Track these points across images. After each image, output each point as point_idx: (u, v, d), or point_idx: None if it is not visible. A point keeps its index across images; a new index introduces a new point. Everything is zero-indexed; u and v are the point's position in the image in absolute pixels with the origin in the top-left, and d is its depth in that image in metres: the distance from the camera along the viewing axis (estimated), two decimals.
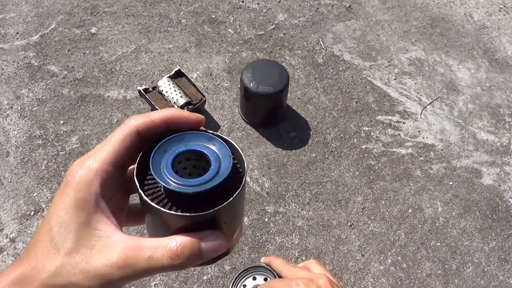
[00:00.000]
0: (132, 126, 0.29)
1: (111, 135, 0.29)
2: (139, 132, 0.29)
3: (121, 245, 0.27)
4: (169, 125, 0.30)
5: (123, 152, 0.29)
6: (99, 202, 0.28)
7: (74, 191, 0.27)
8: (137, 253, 0.27)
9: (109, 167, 0.28)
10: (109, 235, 0.27)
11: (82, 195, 0.27)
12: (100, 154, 0.28)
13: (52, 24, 1.44)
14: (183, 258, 0.27)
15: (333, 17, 1.52)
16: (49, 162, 1.17)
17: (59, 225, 0.27)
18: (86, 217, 0.27)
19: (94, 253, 0.27)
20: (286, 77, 1.18)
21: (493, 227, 1.15)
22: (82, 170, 0.28)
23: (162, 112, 0.30)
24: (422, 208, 1.16)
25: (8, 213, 1.09)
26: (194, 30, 1.45)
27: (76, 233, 0.27)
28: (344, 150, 1.24)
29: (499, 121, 1.33)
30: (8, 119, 1.24)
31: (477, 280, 1.07)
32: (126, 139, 0.29)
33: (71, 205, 0.27)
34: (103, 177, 0.28)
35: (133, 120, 0.29)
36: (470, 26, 1.54)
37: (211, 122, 1.26)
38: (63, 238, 0.27)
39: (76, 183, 0.28)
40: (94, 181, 0.28)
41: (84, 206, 0.27)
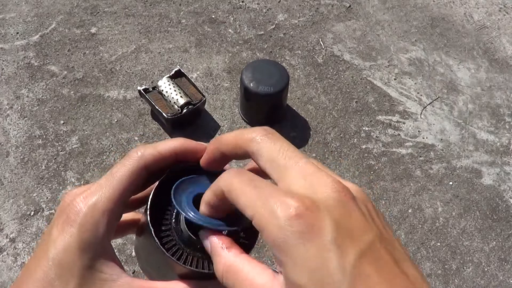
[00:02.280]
0: (140, 162, 0.27)
1: (116, 168, 0.27)
2: (147, 167, 0.27)
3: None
4: (178, 157, 0.28)
5: (131, 190, 0.27)
6: (106, 245, 0.26)
7: (79, 232, 0.25)
8: None
9: (116, 207, 0.26)
10: (115, 279, 0.26)
11: (87, 236, 0.25)
12: (107, 192, 0.26)
13: (52, 24, 1.44)
14: None
15: (333, 17, 1.52)
16: (49, 162, 1.17)
17: (60, 267, 0.25)
18: (91, 261, 0.25)
19: None
20: (286, 77, 1.18)
21: (493, 227, 1.15)
22: (88, 209, 0.26)
23: (171, 144, 0.28)
24: (422, 208, 1.16)
25: (8, 213, 1.09)
26: (194, 30, 1.45)
27: (79, 277, 0.25)
28: (344, 150, 1.24)
29: (499, 121, 1.33)
30: (8, 119, 1.24)
31: (477, 280, 1.07)
32: (134, 176, 0.27)
33: (75, 247, 0.25)
34: (110, 218, 0.26)
35: (139, 152, 0.27)
36: (470, 26, 1.54)
37: (211, 122, 1.26)
38: (64, 282, 0.25)
39: (81, 224, 0.25)
40: (101, 223, 0.26)
41: (89, 249, 0.25)
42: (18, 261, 1.03)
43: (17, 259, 1.04)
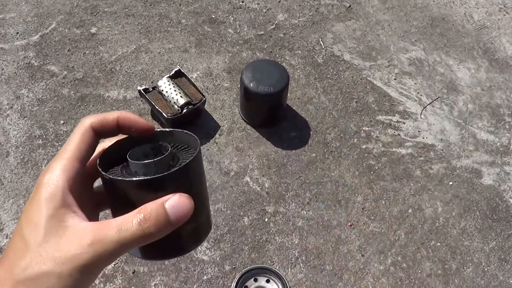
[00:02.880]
0: (87, 124, 0.32)
1: (70, 135, 0.32)
2: (94, 128, 0.32)
3: (89, 229, 0.28)
4: (120, 125, 0.33)
5: (84, 148, 0.31)
6: (66, 197, 0.29)
7: (43, 189, 0.29)
8: (105, 229, 0.28)
9: (74, 163, 0.30)
10: (77, 224, 0.28)
11: (49, 190, 0.29)
12: (64, 154, 0.31)
13: (52, 24, 1.44)
14: (152, 221, 0.28)
15: (333, 17, 1.52)
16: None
17: (28, 222, 0.28)
18: (53, 211, 0.28)
19: (63, 240, 0.27)
20: (286, 77, 1.18)
21: (493, 227, 1.15)
22: (50, 170, 0.30)
23: (115, 112, 0.33)
24: (422, 208, 1.16)
25: (8, 213, 1.09)
26: (194, 30, 1.45)
27: (44, 227, 0.28)
28: (344, 150, 1.24)
29: (499, 121, 1.33)
30: (8, 119, 1.24)
31: (477, 280, 1.07)
32: (84, 136, 0.32)
33: (40, 201, 0.28)
34: (69, 173, 0.30)
35: (87, 119, 0.32)
36: (470, 26, 1.54)
37: (211, 122, 1.26)
38: (32, 234, 0.28)
39: (44, 183, 0.29)
40: (60, 177, 0.29)
41: (51, 200, 0.28)
42: None
43: None
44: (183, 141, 0.34)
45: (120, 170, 0.32)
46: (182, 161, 0.31)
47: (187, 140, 0.34)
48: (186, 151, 0.33)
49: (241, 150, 1.22)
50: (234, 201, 1.14)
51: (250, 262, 1.05)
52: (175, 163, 0.31)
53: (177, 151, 0.33)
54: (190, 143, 0.34)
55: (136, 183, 0.29)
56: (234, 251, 1.07)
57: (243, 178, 1.17)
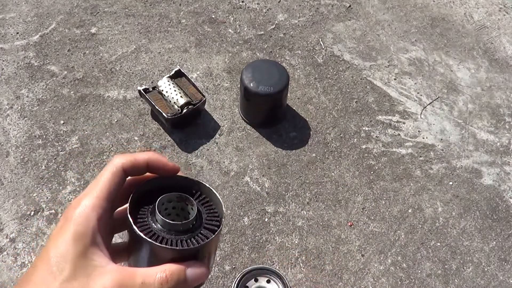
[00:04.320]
0: (118, 165, 0.33)
1: (100, 174, 0.33)
2: (125, 170, 0.33)
3: (116, 272, 0.30)
4: (149, 166, 0.35)
5: (114, 188, 0.33)
6: (96, 236, 0.31)
7: (73, 225, 0.30)
8: (131, 279, 0.29)
9: (104, 202, 0.32)
10: (104, 265, 0.30)
11: (80, 228, 0.30)
12: (95, 192, 0.32)
13: (52, 24, 1.44)
14: (172, 283, 0.30)
15: (333, 17, 1.52)
16: (49, 162, 1.17)
17: (57, 255, 0.29)
18: (83, 249, 0.30)
19: (91, 280, 0.29)
20: (286, 77, 1.18)
21: (493, 227, 1.15)
22: (80, 207, 0.31)
23: (145, 155, 0.35)
24: (422, 208, 1.16)
25: (8, 213, 1.09)
26: (194, 30, 1.45)
27: (74, 263, 0.29)
28: (344, 150, 1.24)
29: (499, 121, 1.33)
30: (8, 119, 1.24)
31: (477, 280, 1.07)
32: (115, 177, 0.33)
33: (70, 237, 0.30)
34: (99, 213, 0.31)
35: (118, 159, 0.34)
36: (470, 26, 1.54)
37: (211, 122, 1.27)
38: (61, 267, 0.29)
39: (75, 219, 0.30)
40: (92, 217, 0.31)
41: (81, 238, 0.30)
42: (18, 261, 1.03)
43: (17, 259, 1.04)
44: (208, 196, 0.37)
45: (147, 217, 0.33)
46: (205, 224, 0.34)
47: (212, 197, 0.37)
48: (209, 207, 0.36)
49: (241, 150, 1.22)
50: (234, 201, 1.14)
51: (250, 262, 1.05)
52: (198, 225, 0.34)
53: (199, 206, 0.36)
54: (214, 200, 0.37)
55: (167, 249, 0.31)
56: (234, 251, 1.07)
57: (243, 178, 1.17)
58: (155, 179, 0.36)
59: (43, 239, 1.06)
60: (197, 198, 0.36)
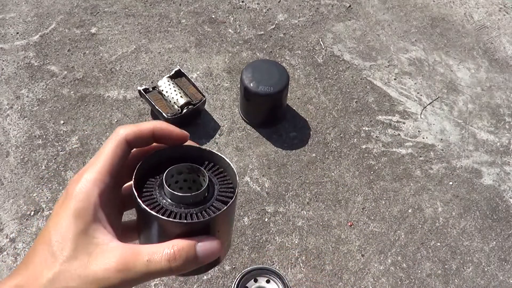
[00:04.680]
0: (121, 136, 0.31)
1: (102, 146, 0.31)
2: (128, 141, 0.31)
3: (119, 250, 0.28)
4: (155, 135, 0.32)
5: (116, 162, 0.31)
6: (97, 212, 0.29)
7: (74, 201, 0.28)
8: (135, 257, 0.28)
9: (106, 177, 0.30)
10: (107, 242, 0.28)
11: (81, 204, 0.28)
12: (96, 166, 0.30)
13: (52, 24, 1.44)
14: (180, 260, 0.28)
15: (333, 17, 1.52)
16: (49, 162, 1.17)
17: (57, 234, 0.28)
18: (84, 226, 0.28)
19: (92, 259, 0.27)
20: (286, 77, 1.18)
21: (493, 227, 1.15)
22: (81, 182, 0.29)
23: (149, 123, 0.32)
24: (422, 208, 1.16)
25: (8, 213, 1.09)
26: (194, 30, 1.45)
27: (74, 241, 0.28)
28: (344, 150, 1.24)
29: (499, 121, 1.33)
30: (8, 119, 1.24)
31: (477, 280, 1.07)
32: (118, 149, 0.31)
33: (70, 214, 0.28)
34: (101, 187, 0.29)
35: (121, 130, 0.31)
36: (470, 26, 1.54)
37: (211, 122, 1.26)
38: (61, 246, 0.27)
39: (76, 194, 0.29)
40: (92, 191, 0.29)
41: (82, 215, 0.28)
42: (18, 261, 1.03)
43: (17, 259, 1.04)
44: (221, 165, 0.34)
45: (154, 190, 0.31)
46: (218, 195, 0.31)
47: (226, 167, 0.34)
48: (222, 178, 0.33)
49: (241, 150, 1.22)
50: None
51: (250, 262, 1.05)
52: (210, 196, 0.31)
53: (212, 177, 0.33)
54: (228, 170, 0.34)
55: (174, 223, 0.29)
56: (234, 251, 1.07)
57: (243, 178, 1.17)
58: (163, 150, 0.33)
59: None
60: (209, 169, 0.33)
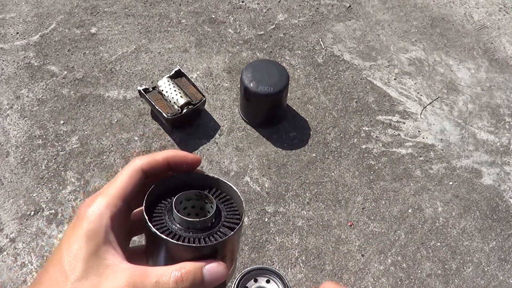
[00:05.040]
0: (137, 165, 0.33)
1: (118, 173, 0.32)
2: (144, 170, 0.33)
3: (128, 271, 0.29)
4: (169, 163, 0.33)
5: (130, 188, 0.32)
6: (108, 234, 0.30)
7: (86, 223, 0.29)
8: (144, 278, 0.28)
9: (118, 202, 0.31)
10: (117, 264, 0.29)
11: (92, 226, 0.29)
12: (110, 191, 0.31)
13: (52, 24, 1.44)
14: (187, 282, 0.29)
15: (333, 17, 1.52)
16: (49, 162, 1.17)
17: (69, 255, 0.29)
18: (95, 247, 0.29)
19: (103, 280, 0.28)
20: (286, 77, 1.18)
21: (493, 227, 1.15)
22: (94, 205, 0.30)
23: (164, 153, 0.34)
24: (422, 208, 1.16)
25: (8, 213, 1.09)
26: (194, 30, 1.45)
27: (86, 262, 0.28)
28: (344, 150, 1.24)
29: (499, 121, 1.33)
30: (8, 119, 1.24)
31: (477, 280, 1.07)
32: (132, 177, 0.32)
33: (82, 235, 0.29)
34: (113, 211, 0.30)
35: (138, 160, 0.33)
36: (470, 26, 1.54)
37: (211, 122, 1.26)
38: (72, 266, 0.28)
39: (88, 216, 0.30)
40: (105, 214, 0.30)
41: (94, 237, 0.29)
42: (18, 261, 1.03)
43: (17, 259, 1.04)
44: (228, 192, 0.35)
45: (164, 215, 0.32)
46: (225, 221, 0.33)
47: (232, 194, 0.35)
48: (229, 205, 0.35)
49: (241, 150, 1.22)
50: None
51: (250, 262, 1.05)
52: (217, 223, 0.33)
53: (219, 203, 0.34)
54: (234, 197, 0.35)
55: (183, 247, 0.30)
56: None
57: (243, 178, 1.17)
58: (172, 177, 0.35)
59: (43, 239, 1.06)
60: (216, 195, 0.35)
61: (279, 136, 1.25)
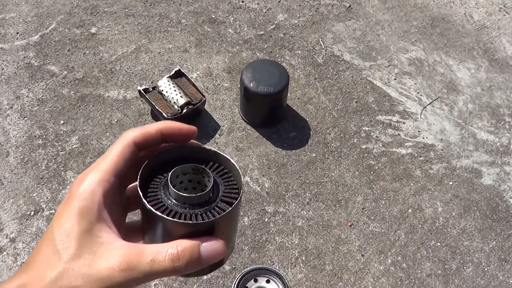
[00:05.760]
0: (129, 138, 0.31)
1: (110, 147, 0.31)
2: (136, 143, 0.31)
3: (123, 250, 0.28)
4: (163, 135, 0.32)
5: (123, 163, 0.31)
6: (102, 211, 0.29)
7: (78, 200, 0.29)
8: (139, 257, 0.28)
9: (111, 177, 0.30)
10: (111, 241, 0.28)
11: (85, 203, 0.28)
12: (102, 166, 0.30)
13: (52, 24, 1.44)
14: (184, 261, 0.28)
15: (333, 17, 1.52)
16: (49, 162, 1.17)
17: (61, 233, 0.28)
18: (88, 225, 0.28)
19: (97, 258, 0.27)
20: (286, 77, 1.18)
21: (493, 227, 1.15)
22: (86, 181, 0.29)
23: (157, 124, 0.32)
24: (422, 208, 1.16)
25: (8, 213, 1.09)
26: (194, 30, 1.45)
27: (79, 240, 0.28)
28: (344, 150, 1.24)
29: (499, 121, 1.33)
30: (8, 119, 1.24)
31: (477, 280, 1.07)
32: (125, 150, 0.31)
33: (74, 213, 0.28)
34: (106, 187, 0.29)
35: (130, 132, 0.32)
36: (470, 26, 1.54)
37: (211, 122, 1.26)
38: (65, 245, 0.28)
39: (80, 193, 0.29)
40: (97, 191, 0.29)
41: (86, 214, 0.28)
42: (18, 261, 1.03)
43: (17, 259, 1.04)
44: (226, 166, 0.34)
45: (159, 190, 0.31)
46: (223, 196, 0.32)
47: (230, 167, 0.34)
48: (227, 179, 0.33)
49: (241, 150, 1.22)
50: None
51: (250, 262, 1.05)
52: (215, 197, 0.31)
53: (217, 177, 0.33)
54: (232, 171, 0.34)
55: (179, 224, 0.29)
56: (234, 251, 1.07)
57: (243, 178, 1.18)
58: (168, 150, 0.33)
59: None
60: (214, 169, 0.33)
61: (279, 136, 1.25)
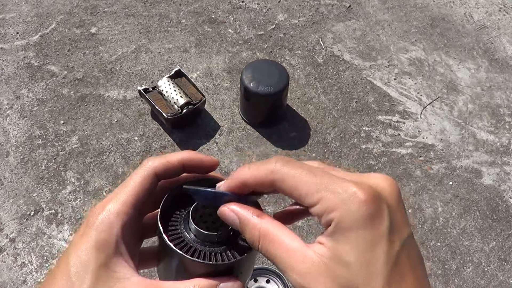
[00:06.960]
0: (150, 169, 0.30)
1: (129, 177, 0.30)
2: (157, 174, 0.30)
3: (140, 286, 0.27)
4: (185, 166, 0.31)
5: (143, 194, 0.30)
6: (119, 245, 0.28)
7: (95, 232, 0.28)
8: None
9: (130, 209, 0.29)
10: (128, 277, 0.28)
11: (103, 236, 0.28)
12: (121, 197, 0.29)
13: (52, 24, 1.44)
14: None
15: (333, 17, 1.52)
16: (49, 162, 1.17)
17: (77, 265, 0.27)
18: (105, 259, 0.27)
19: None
20: (286, 77, 1.18)
21: (493, 227, 1.15)
22: (104, 212, 0.28)
23: (179, 154, 0.31)
24: (422, 208, 1.16)
25: (8, 213, 1.09)
26: (194, 30, 1.45)
27: (95, 274, 0.27)
28: (344, 150, 1.24)
29: (499, 121, 1.33)
30: (8, 119, 1.24)
31: (477, 280, 1.07)
32: (145, 181, 0.30)
33: (91, 246, 0.27)
34: (124, 220, 0.29)
35: (150, 162, 0.30)
36: (470, 26, 1.54)
37: (211, 122, 1.26)
38: (81, 278, 0.27)
39: (98, 225, 0.28)
40: (115, 224, 0.28)
41: (104, 248, 0.28)
42: (18, 261, 1.03)
43: (17, 259, 1.04)
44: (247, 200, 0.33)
45: (179, 224, 0.30)
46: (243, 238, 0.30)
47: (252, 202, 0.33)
48: None
49: (241, 150, 1.22)
50: None
51: None
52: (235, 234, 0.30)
53: None
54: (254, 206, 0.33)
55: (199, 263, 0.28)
56: None
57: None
58: (189, 182, 0.32)
59: (43, 239, 1.06)
60: None
61: (279, 136, 1.25)
